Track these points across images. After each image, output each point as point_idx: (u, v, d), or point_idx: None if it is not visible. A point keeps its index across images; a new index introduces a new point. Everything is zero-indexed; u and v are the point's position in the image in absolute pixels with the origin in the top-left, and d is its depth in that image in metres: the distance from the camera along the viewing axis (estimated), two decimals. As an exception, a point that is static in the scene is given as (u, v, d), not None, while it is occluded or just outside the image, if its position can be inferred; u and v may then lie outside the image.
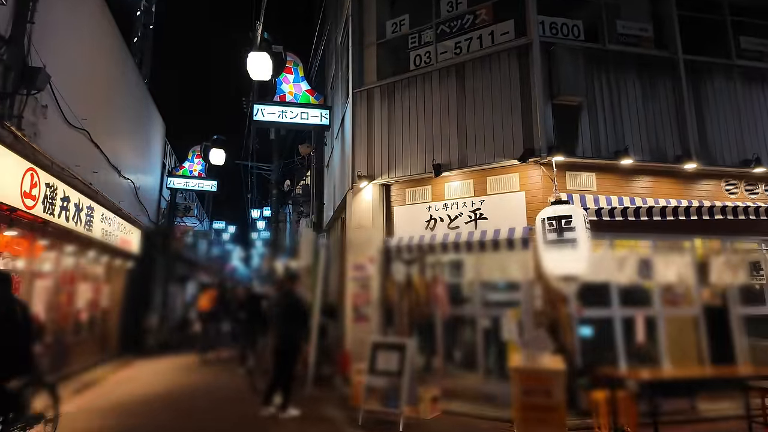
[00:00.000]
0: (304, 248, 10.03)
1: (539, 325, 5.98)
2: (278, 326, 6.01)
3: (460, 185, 6.94)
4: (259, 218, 23.72)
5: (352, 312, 7.30)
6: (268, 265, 20.92)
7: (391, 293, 7.15)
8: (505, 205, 6.52)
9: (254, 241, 31.99)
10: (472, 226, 6.73)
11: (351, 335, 7.29)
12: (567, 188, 6.34)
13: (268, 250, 23.05)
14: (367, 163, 7.63)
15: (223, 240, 29.10)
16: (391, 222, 7.52)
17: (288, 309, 6.00)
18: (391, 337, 6.49)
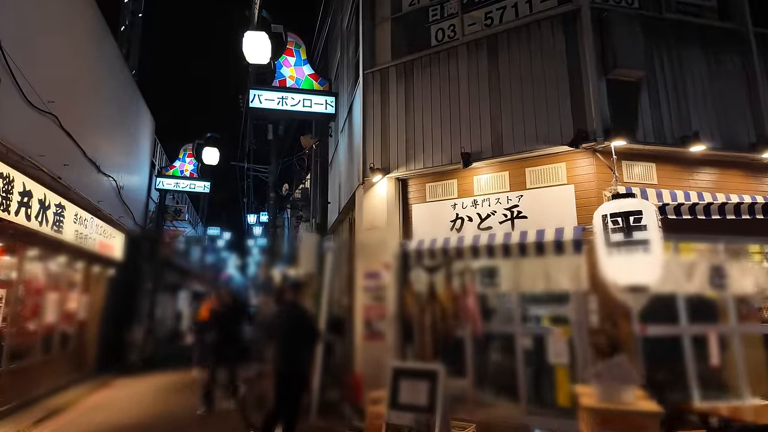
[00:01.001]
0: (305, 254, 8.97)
1: (596, 346, 4.90)
2: (281, 345, 4.89)
3: (493, 178, 5.89)
4: (255, 224, 22.58)
5: (363, 327, 6.20)
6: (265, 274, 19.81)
7: (410, 306, 6.05)
8: (548, 201, 5.47)
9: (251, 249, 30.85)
10: (508, 226, 5.67)
11: (362, 355, 6.18)
12: (623, 181, 5.29)
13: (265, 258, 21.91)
14: (381, 153, 6.58)
15: (217, 247, 27.91)
16: (409, 222, 6.45)
17: (292, 324, 4.89)
18: (417, 363, 5.38)
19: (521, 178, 5.70)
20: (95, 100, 9.03)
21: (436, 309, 5.84)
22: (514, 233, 5.52)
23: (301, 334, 4.86)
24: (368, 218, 6.51)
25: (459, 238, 5.87)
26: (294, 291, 5.15)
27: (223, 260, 34.81)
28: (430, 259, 5.98)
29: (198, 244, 21.49)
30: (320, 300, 6.65)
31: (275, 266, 18.42)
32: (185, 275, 20.25)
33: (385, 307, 6.11)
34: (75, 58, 7.84)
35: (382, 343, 6.04)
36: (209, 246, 26.87)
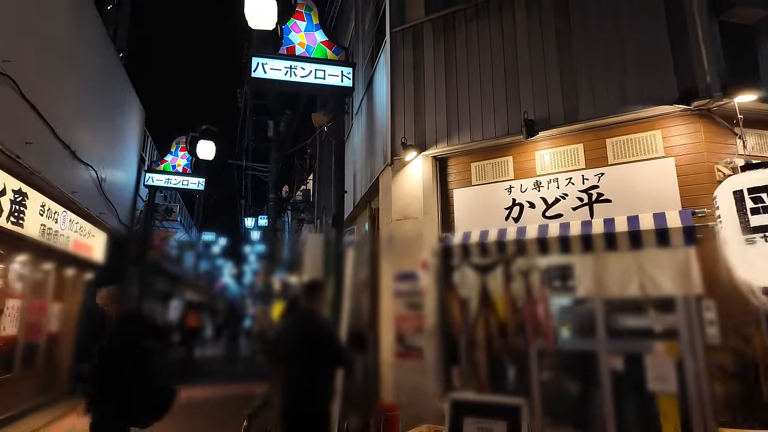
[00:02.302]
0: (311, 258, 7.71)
1: (719, 368, 3.65)
2: (290, 370, 3.58)
3: (562, 153, 4.66)
4: (253, 228, 21.27)
5: (395, 343, 4.92)
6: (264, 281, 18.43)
7: (455, 316, 4.78)
8: (639, 180, 4.24)
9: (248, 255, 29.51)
10: (585, 213, 4.43)
11: (393, 378, 4.89)
12: (738, 152, 4.07)
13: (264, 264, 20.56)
14: (414, 127, 5.35)
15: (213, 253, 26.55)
16: (449, 211, 5.21)
17: (307, 341, 3.58)
18: (488, 395, 4.10)
19: (601, 151, 4.47)
20: (72, 76, 7.77)
21: (491, 319, 4.57)
22: (595, 221, 4.28)
23: (319, 355, 3.55)
24: (398, 206, 5.26)
25: (519, 230, 4.62)
26: (310, 296, 3.83)
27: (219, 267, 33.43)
28: (481, 256, 4.72)
29: (192, 249, 20.13)
30: (339, 308, 5.36)
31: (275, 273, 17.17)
32: (177, 282, 18.87)
33: (422, 317, 4.84)
34: (45, 20, 6.61)
35: (420, 363, 4.76)
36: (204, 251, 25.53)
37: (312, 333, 3.57)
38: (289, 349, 3.62)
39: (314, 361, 3.48)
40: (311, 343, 3.52)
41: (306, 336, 3.56)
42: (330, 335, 3.68)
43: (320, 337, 3.56)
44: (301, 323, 3.71)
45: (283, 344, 3.71)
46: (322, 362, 3.50)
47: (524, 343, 4.43)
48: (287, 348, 3.64)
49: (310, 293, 3.77)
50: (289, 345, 3.63)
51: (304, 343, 3.54)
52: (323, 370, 3.53)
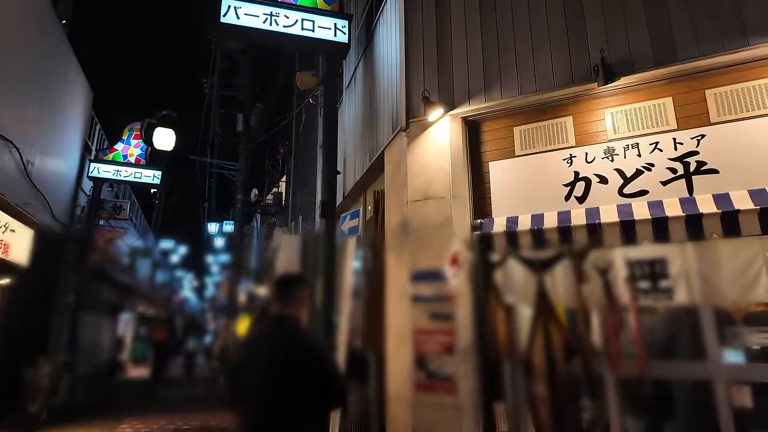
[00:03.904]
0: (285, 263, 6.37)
1: None
2: (258, 410, 2.12)
3: (643, 110, 3.48)
4: (217, 234, 19.39)
5: (414, 368, 3.54)
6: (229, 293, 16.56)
7: (501, 330, 3.47)
8: (757, 143, 3.09)
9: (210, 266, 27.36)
10: (681, 188, 3.24)
11: (409, 418, 3.50)
12: None
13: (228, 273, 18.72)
14: (438, 80, 4.07)
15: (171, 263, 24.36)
16: (484, 189, 3.93)
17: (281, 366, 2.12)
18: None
19: (698, 106, 3.31)
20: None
21: (553, 335, 3.27)
22: (700, 199, 3.10)
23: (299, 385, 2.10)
24: (417, 184, 3.93)
25: (588, 212, 3.39)
26: (285, 297, 2.38)
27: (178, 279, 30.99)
28: (535, 248, 3.44)
29: (146, 257, 18.07)
30: (332, 317, 3.95)
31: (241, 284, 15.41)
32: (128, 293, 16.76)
33: (452, 332, 3.50)
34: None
35: (449, 397, 3.39)
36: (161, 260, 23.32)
37: (288, 351, 2.16)
38: (254, 375, 2.18)
39: (292, 393, 2.07)
40: (288, 366, 2.11)
41: (279, 356, 2.15)
42: (317, 354, 2.25)
43: (302, 358, 2.15)
44: (272, 337, 2.28)
45: (247, 368, 2.27)
46: (303, 395, 2.10)
47: (604, 369, 3.15)
48: (252, 374, 2.21)
49: (285, 293, 2.35)
50: (255, 370, 2.20)
51: (276, 366, 2.12)
52: (306, 406, 2.11)
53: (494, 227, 3.66)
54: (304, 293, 2.40)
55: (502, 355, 3.43)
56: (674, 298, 3.12)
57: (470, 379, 3.41)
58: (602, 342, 3.14)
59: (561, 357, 3.19)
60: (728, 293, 2.99)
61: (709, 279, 3.05)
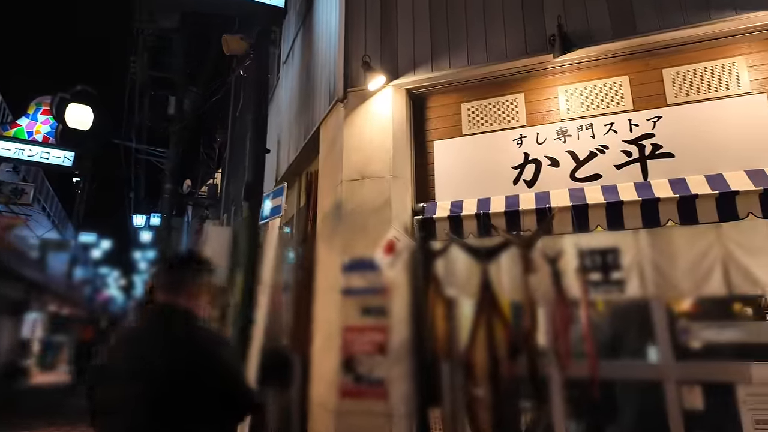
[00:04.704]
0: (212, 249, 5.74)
1: None
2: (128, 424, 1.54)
3: (598, 89, 3.22)
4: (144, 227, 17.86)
5: (341, 372, 3.05)
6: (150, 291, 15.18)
7: (440, 327, 3.05)
8: (715, 126, 2.91)
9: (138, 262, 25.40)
10: (636, 173, 3.00)
11: (334, 429, 3.00)
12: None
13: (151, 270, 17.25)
14: (381, 46, 3.63)
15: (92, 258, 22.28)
16: (428, 170, 3.53)
17: (167, 377, 1.56)
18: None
19: (655, 86, 3.09)
20: None
21: (497, 332, 2.90)
22: (656, 184, 2.86)
23: (194, 401, 1.55)
24: (353, 161, 3.45)
25: (538, 197, 3.07)
26: (173, 283, 1.81)
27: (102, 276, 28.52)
28: (481, 235, 3.08)
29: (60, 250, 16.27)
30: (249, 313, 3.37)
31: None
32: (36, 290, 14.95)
33: (385, 330, 3.04)
34: None
35: (379, 404, 2.93)
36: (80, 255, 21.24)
37: (177, 353, 1.61)
38: (126, 383, 1.61)
39: (178, 407, 1.54)
40: (174, 373, 1.57)
41: (164, 358, 1.59)
42: (217, 358, 1.70)
43: (197, 362, 1.61)
44: (155, 335, 1.71)
45: (117, 374, 1.68)
46: (195, 410, 1.56)
47: (551, 368, 2.82)
48: (123, 382, 1.62)
49: (177, 279, 1.80)
50: (128, 376, 1.62)
51: (158, 372, 1.57)
52: (196, 425, 1.57)
53: (437, 212, 3.26)
54: (202, 280, 1.84)
55: (440, 354, 3.03)
56: (626, 291, 2.86)
57: (403, 383, 2.97)
58: (550, 339, 2.82)
59: (504, 356, 2.83)
60: (682, 286, 2.76)
61: (662, 270, 2.81)
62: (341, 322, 3.15)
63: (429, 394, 3.02)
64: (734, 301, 2.78)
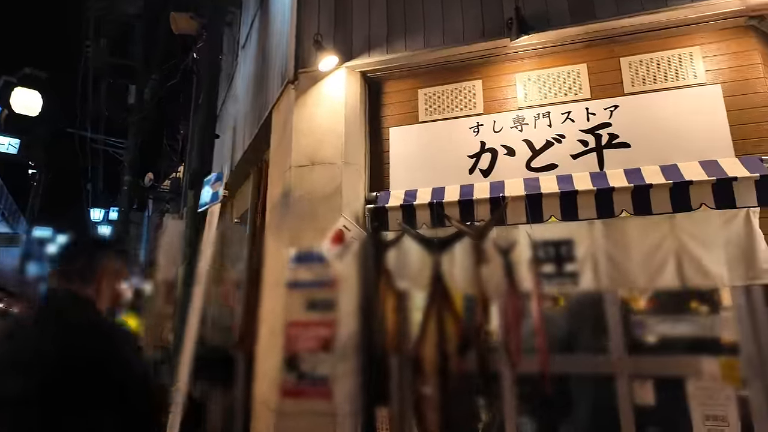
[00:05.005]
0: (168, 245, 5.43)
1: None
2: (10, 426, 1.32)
3: (556, 76, 3.13)
4: (102, 222, 17.09)
5: (285, 369, 2.85)
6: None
7: (390, 321, 2.89)
8: (671, 116, 2.86)
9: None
10: (591, 163, 2.92)
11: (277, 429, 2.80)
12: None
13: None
14: (335, 26, 3.44)
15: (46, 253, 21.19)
16: (383, 158, 3.38)
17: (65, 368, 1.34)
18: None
19: (613, 75, 3.03)
20: None
21: (449, 327, 2.77)
22: (611, 174, 2.79)
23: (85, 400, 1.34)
24: (303, 146, 3.26)
25: (493, 186, 2.96)
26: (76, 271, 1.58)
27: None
28: (434, 225, 2.93)
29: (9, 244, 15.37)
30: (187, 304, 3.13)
31: (126, 278, 13.57)
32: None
33: (333, 324, 2.86)
34: None
35: (323, 404, 2.75)
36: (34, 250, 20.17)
37: (69, 347, 1.40)
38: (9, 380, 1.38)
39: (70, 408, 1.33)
40: (66, 369, 1.36)
41: (53, 353, 1.38)
42: (116, 355, 1.48)
43: (89, 358, 1.40)
44: (45, 325, 1.49)
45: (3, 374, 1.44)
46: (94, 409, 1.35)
47: (503, 364, 2.70)
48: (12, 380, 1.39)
49: (73, 262, 1.59)
50: (12, 371, 1.39)
51: (46, 368, 1.36)
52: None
53: (390, 201, 3.10)
54: (107, 265, 1.61)
55: (389, 350, 2.87)
56: (580, 283, 2.77)
57: (349, 381, 2.80)
58: (501, 334, 2.70)
59: (454, 351, 2.69)
60: (636, 278, 2.69)
61: (617, 263, 2.74)
62: (285, 317, 2.95)
63: (377, 392, 2.86)
64: (687, 294, 2.73)
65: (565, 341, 2.83)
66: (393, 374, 2.89)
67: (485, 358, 2.66)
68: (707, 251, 2.62)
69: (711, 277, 2.59)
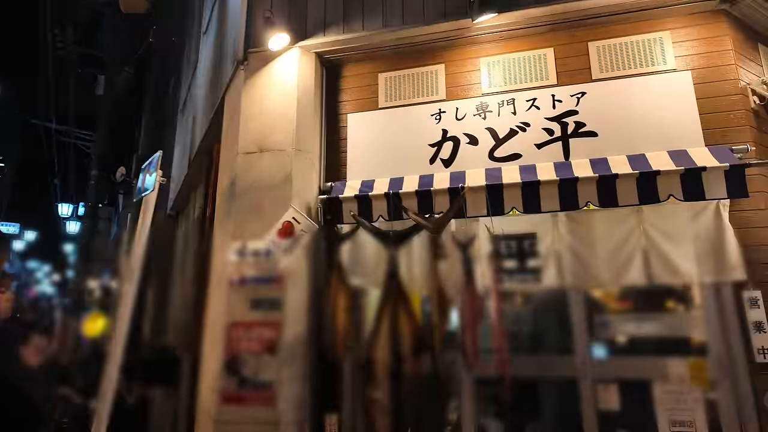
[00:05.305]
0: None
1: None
2: None
3: (521, 61, 2.96)
4: (71, 217, 16.47)
5: (225, 374, 2.62)
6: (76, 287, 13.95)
7: (341, 321, 2.67)
8: (639, 103, 2.70)
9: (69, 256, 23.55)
10: (557, 152, 2.75)
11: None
12: (762, 79, 2.79)
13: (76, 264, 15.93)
14: (289, 4, 3.20)
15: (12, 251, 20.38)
16: (340, 146, 3.16)
17: None
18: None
19: (581, 60, 2.87)
20: None
21: (403, 326, 2.56)
22: (577, 164, 2.62)
23: None
24: (251, 130, 3.02)
25: (454, 176, 2.77)
26: None
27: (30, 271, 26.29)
28: (392, 217, 2.73)
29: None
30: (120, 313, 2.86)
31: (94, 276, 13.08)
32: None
33: (279, 324, 2.64)
34: None
35: (266, 411, 2.53)
36: None
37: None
38: None
39: None
40: None
41: None
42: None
43: None
44: None
45: None
46: None
47: (460, 366, 2.51)
48: None
49: None
50: None
51: None
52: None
53: (345, 191, 2.88)
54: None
55: (340, 352, 2.65)
56: (542, 280, 2.60)
57: (295, 386, 2.57)
58: (459, 334, 2.51)
59: (408, 354, 2.49)
60: (601, 275, 2.53)
61: (581, 258, 2.57)
62: (227, 317, 2.71)
63: (326, 397, 2.65)
64: (654, 292, 2.57)
65: (526, 342, 2.66)
66: (344, 378, 2.68)
67: (441, 360, 2.47)
68: (675, 246, 2.47)
69: (679, 273, 2.44)
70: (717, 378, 2.36)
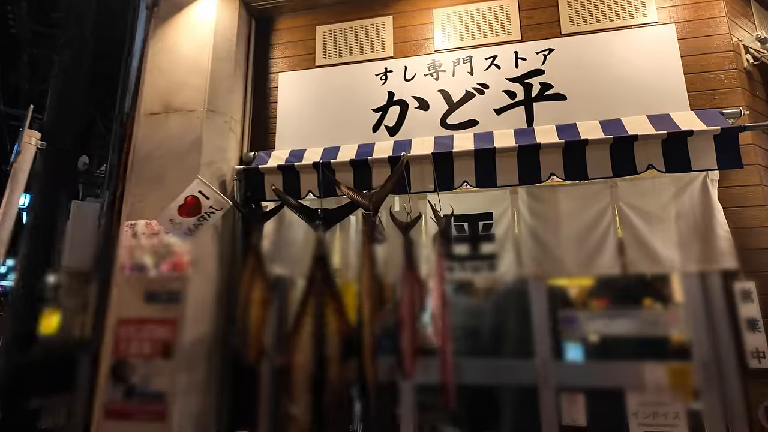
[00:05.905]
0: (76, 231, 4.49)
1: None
2: None
3: (479, 14, 2.52)
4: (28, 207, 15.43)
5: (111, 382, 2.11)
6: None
7: (256, 317, 2.19)
8: (616, 62, 2.29)
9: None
10: (519, 118, 2.32)
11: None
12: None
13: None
14: (210, -58, 2.69)
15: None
16: (269, 110, 2.67)
17: None
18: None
19: (548, 12, 2.44)
20: None
21: (331, 323, 2.09)
22: (540, 130, 2.19)
23: None
24: (157, 87, 2.51)
25: (397, 145, 2.31)
26: None
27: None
28: (323, 193, 2.25)
29: None
30: None
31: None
32: None
33: (177, 322, 2.14)
34: None
35: (162, 425, 2.03)
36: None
37: None
38: None
39: None
40: None
41: None
42: None
43: None
44: None
45: None
46: None
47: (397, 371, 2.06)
48: None
49: None
50: None
51: None
52: None
53: (270, 162, 2.40)
54: None
55: (255, 356, 2.17)
56: (498, 268, 2.17)
57: (196, 397, 2.09)
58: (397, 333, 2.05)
59: (335, 357, 2.03)
60: (567, 263, 2.11)
61: (544, 242, 2.15)
62: (115, 313, 2.20)
63: (237, 411, 2.17)
64: (630, 283, 2.17)
65: (478, 343, 2.22)
66: (259, 388, 2.20)
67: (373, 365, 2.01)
68: (655, 229, 2.07)
69: (659, 261, 2.04)
70: (702, 386, 1.96)
